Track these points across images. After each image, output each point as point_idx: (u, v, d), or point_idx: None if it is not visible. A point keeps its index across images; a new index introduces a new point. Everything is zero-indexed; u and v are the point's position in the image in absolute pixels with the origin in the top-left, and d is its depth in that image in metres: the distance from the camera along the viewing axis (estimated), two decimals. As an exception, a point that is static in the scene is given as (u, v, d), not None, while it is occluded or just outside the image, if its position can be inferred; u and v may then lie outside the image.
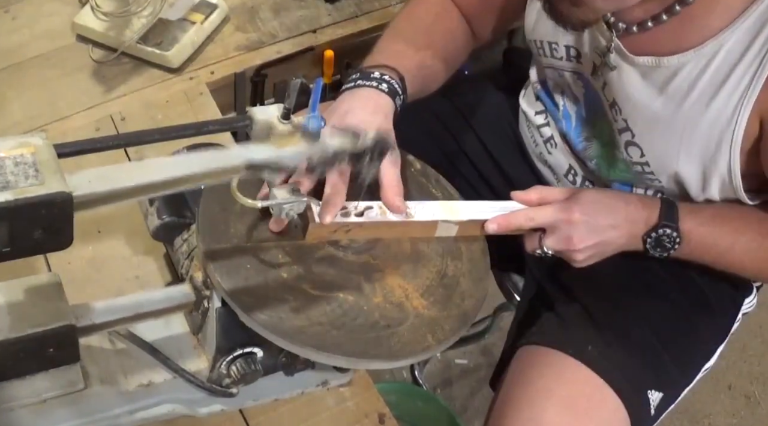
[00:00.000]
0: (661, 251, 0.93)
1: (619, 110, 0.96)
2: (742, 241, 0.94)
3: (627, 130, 0.96)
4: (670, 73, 0.89)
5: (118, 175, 0.60)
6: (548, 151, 1.13)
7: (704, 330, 1.06)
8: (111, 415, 0.77)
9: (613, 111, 0.97)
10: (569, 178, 1.11)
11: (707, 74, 0.86)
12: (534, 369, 0.99)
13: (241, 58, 1.28)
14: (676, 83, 0.88)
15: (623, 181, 1.04)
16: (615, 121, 0.97)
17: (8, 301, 0.70)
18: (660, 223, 0.91)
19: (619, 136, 0.97)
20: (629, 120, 0.95)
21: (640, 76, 0.92)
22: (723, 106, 0.86)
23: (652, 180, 0.98)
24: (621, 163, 1.01)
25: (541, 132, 1.14)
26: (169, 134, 0.66)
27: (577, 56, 1.00)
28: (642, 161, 0.96)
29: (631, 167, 0.99)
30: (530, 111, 1.16)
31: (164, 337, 0.82)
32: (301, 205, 0.74)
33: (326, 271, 0.80)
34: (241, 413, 0.86)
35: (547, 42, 1.03)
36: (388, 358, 0.76)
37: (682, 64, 0.87)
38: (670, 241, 0.92)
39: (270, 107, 0.72)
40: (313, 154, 0.71)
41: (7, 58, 1.21)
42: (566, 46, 1.00)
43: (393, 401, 1.00)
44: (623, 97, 0.94)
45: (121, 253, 0.99)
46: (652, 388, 0.99)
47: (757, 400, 1.95)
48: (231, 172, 0.67)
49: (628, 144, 0.97)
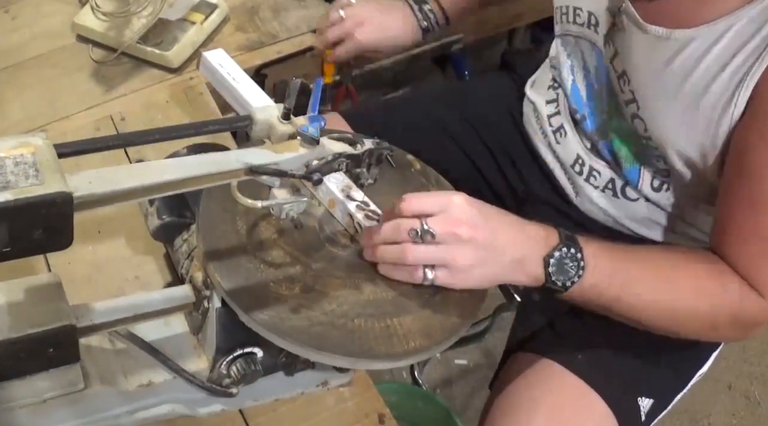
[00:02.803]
0: (564, 278, 0.80)
1: (628, 80, 0.94)
2: (650, 271, 0.85)
3: (633, 101, 0.95)
4: (678, 46, 0.87)
5: (118, 176, 0.60)
6: (557, 141, 1.13)
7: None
8: (111, 415, 0.77)
9: (621, 81, 0.96)
10: (576, 168, 1.10)
11: (714, 52, 0.85)
12: (523, 377, 1.00)
13: (241, 58, 1.28)
14: (683, 57, 0.87)
15: (633, 162, 1.02)
16: (623, 91, 0.96)
17: (8, 301, 0.70)
18: (561, 243, 0.80)
19: (626, 107, 0.96)
20: (636, 92, 0.94)
21: (649, 46, 0.91)
22: (725, 85, 0.85)
23: (657, 158, 0.96)
24: (631, 135, 0.99)
25: (550, 122, 1.14)
26: (169, 134, 0.66)
27: (596, 24, 0.99)
28: (646, 135, 0.95)
29: (637, 140, 0.97)
30: (540, 100, 1.16)
31: (164, 337, 0.82)
32: (301, 205, 0.74)
33: (326, 271, 0.80)
34: (241, 413, 0.86)
35: (572, 7, 1.02)
36: (388, 358, 0.76)
37: (692, 38, 0.86)
38: (574, 265, 0.80)
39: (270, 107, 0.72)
40: (312, 159, 0.72)
41: (7, 58, 1.21)
42: (588, 11, 1.00)
43: (393, 401, 1.00)
44: (632, 66, 0.93)
45: (121, 253, 0.99)
46: (643, 395, 1.00)
47: (757, 400, 1.95)
48: (230, 176, 0.67)
49: (633, 117, 0.95)
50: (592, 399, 0.97)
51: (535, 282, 0.81)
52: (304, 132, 0.70)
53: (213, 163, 0.66)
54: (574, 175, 1.11)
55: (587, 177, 1.09)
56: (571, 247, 0.80)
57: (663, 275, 0.86)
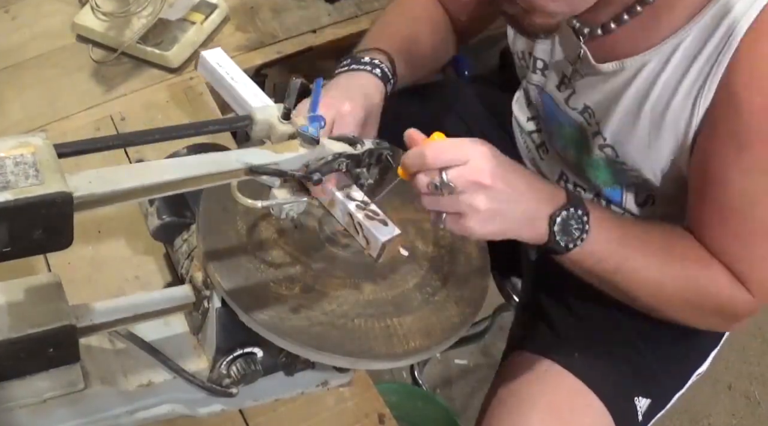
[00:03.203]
0: (568, 239, 0.80)
1: (592, 113, 0.96)
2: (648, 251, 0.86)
3: (599, 133, 0.96)
4: (632, 73, 0.89)
5: (118, 176, 0.60)
6: (540, 157, 1.14)
7: (696, 336, 1.06)
8: (111, 415, 0.77)
9: (586, 114, 0.97)
10: (561, 184, 1.11)
11: (667, 71, 0.86)
12: (521, 376, 1.00)
13: (241, 58, 1.28)
14: (639, 82, 0.89)
15: (611, 185, 1.03)
16: (589, 124, 0.98)
17: (8, 301, 0.70)
18: (568, 203, 0.80)
19: (593, 138, 0.98)
20: (601, 123, 0.96)
21: (604, 80, 0.93)
22: (684, 99, 0.86)
23: (637, 177, 0.97)
24: (602, 161, 1.00)
25: (532, 138, 1.15)
26: (169, 134, 0.66)
27: (543, 69, 1.02)
28: (619, 160, 0.96)
29: (611, 165, 0.99)
30: (522, 117, 1.17)
31: (164, 337, 0.82)
32: (301, 206, 0.74)
33: (326, 271, 0.80)
34: (241, 413, 0.86)
35: (527, 53, 1.04)
36: (388, 358, 0.76)
37: (644, 64, 0.88)
38: (579, 226, 0.80)
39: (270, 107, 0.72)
40: (311, 159, 0.72)
41: (7, 58, 1.21)
42: (536, 57, 1.02)
43: (393, 401, 1.00)
44: (593, 100, 0.96)
45: (121, 253, 0.99)
46: (640, 394, 1.00)
47: (757, 400, 1.95)
48: (230, 177, 0.67)
49: (602, 146, 0.97)
50: (588, 398, 0.97)
51: (538, 239, 0.80)
52: (304, 132, 0.70)
53: (213, 163, 0.66)
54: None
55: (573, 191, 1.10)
56: (578, 208, 0.80)
57: (660, 254, 0.87)
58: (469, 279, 0.85)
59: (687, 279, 0.87)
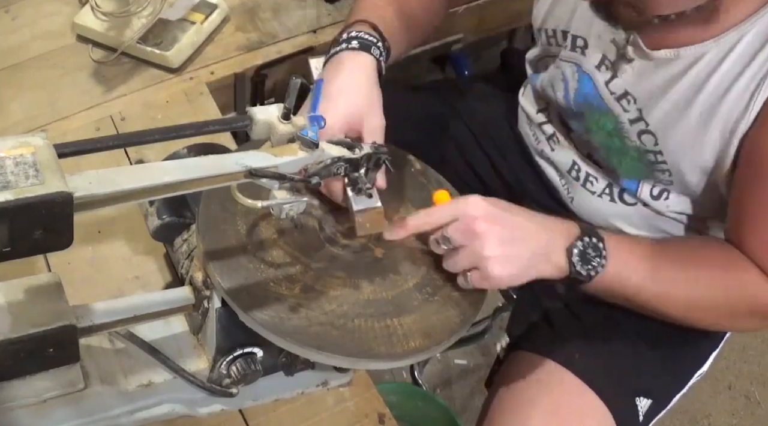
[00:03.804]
0: (588, 269, 0.83)
1: (633, 100, 0.95)
2: (668, 263, 0.88)
3: (640, 119, 0.95)
4: (687, 63, 0.88)
5: (118, 177, 0.60)
6: (551, 148, 1.13)
7: (698, 336, 1.06)
8: (111, 415, 0.77)
9: (624, 101, 0.96)
10: (572, 174, 1.10)
11: (726, 63, 0.86)
12: (522, 376, 1.00)
13: (241, 58, 1.28)
14: (694, 73, 0.88)
15: (631, 176, 1.03)
16: (626, 111, 0.96)
17: (8, 301, 0.70)
18: (582, 233, 0.83)
19: (630, 126, 0.96)
20: (644, 109, 0.94)
21: (655, 68, 0.91)
22: (740, 95, 0.85)
23: (663, 171, 0.96)
24: (633, 151, 0.99)
25: (543, 129, 1.14)
26: (169, 134, 0.66)
27: (583, 47, 1.00)
28: (656, 149, 0.95)
29: (643, 155, 0.97)
30: (531, 109, 1.16)
31: (164, 337, 0.82)
32: (301, 206, 0.74)
33: (326, 271, 0.80)
34: (241, 413, 0.86)
35: (560, 31, 1.02)
36: (388, 358, 0.76)
37: (702, 54, 0.87)
38: (596, 254, 0.83)
39: (270, 107, 0.72)
40: (310, 162, 0.72)
41: (7, 58, 1.21)
42: (574, 35, 1.00)
43: (393, 401, 1.00)
44: (637, 87, 0.94)
45: (121, 253, 0.99)
46: (641, 395, 1.00)
47: (757, 400, 1.95)
48: (230, 179, 0.67)
49: (641, 133, 0.96)
50: (589, 399, 0.97)
51: (560, 273, 0.83)
52: (304, 136, 0.70)
53: (213, 165, 0.66)
54: (571, 180, 1.11)
55: (584, 182, 1.09)
56: (592, 236, 0.83)
57: (683, 266, 0.88)
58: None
59: (715, 285, 0.88)
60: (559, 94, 1.06)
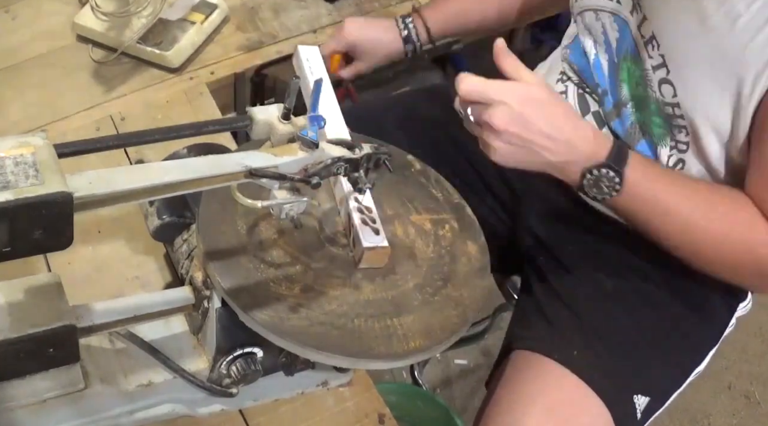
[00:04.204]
0: (596, 193, 0.86)
1: (657, 45, 0.93)
2: (685, 208, 0.89)
3: (663, 66, 0.93)
4: (716, 2, 0.86)
5: (118, 177, 0.60)
6: None
7: (696, 334, 1.06)
8: (111, 415, 0.77)
9: (649, 47, 0.95)
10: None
11: (756, 4, 0.83)
12: (520, 374, 1.00)
13: (241, 58, 1.28)
14: (722, 13, 0.86)
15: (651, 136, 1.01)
16: (651, 57, 0.95)
17: (8, 301, 0.70)
18: (605, 163, 0.84)
19: (653, 73, 0.95)
20: (666, 54, 0.93)
21: (683, 6, 0.89)
22: (761, 48, 0.83)
23: (680, 127, 0.95)
24: (653, 104, 0.97)
25: None
26: (169, 134, 0.66)
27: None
28: (673, 102, 0.94)
29: (662, 108, 0.96)
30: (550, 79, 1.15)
31: (164, 337, 0.82)
32: (301, 206, 0.74)
33: (326, 271, 0.80)
34: (241, 413, 0.86)
35: None
36: (388, 358, 0.76)
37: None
38: (609, 186, 0.85)
39: (270, 107, 0.72)
40: (310, 162, 0.72)
41: (7, 58, 1.21)
42: None
43: (393, 401, 1.00)
44: (662, 29, 0.93)
45: (121, 253, 0.99)
46: (639, 392, 1.00)
47: (757, 400, 1.95)
48: (230, 179, 0.67)
49: (662, 82, 0.94)
50: (587, 397, 0.96)
51: (570, 183, 0.88)
52: (304, 136, 0.70)
53: (213, 165, 0.66)
54: None
55: None
56: (611, 169, 0.85)
57: (697, 214, 0.89)
58: (469, 279, 0.85)
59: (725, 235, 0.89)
60: (601, 51, 1.05)
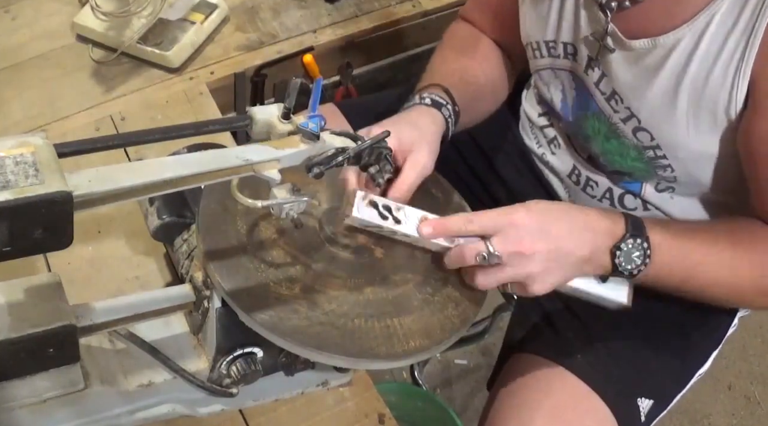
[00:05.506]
0: (632, 268, 0.83)
1: (620, 99, 0.95)
2: (714, 252, 0.88)
3: (632, 117, 0.95)
4: (665, 51, 0.88)
5: (118, 174, 0.60)
6: (552, 152, 1.13)
7: (698, 336, 1.06)
8: (111, 415, 0.77)
9: (613, 102, 0.96)
10: (572, 178, 1.11)
11: (702, 47, 0.85)
12: (523, 378, 1.00)
13: (241, 58, 1.28)
14: (673, 61, 0.87)
15: (635, 177, 1.02)
16: (616, 111, 0.96)
17: (8, 301, 0.70)
18: (627, 234, 0.83)
19: (624, 124, 0.96)
20: (632, 107, 0.94)
21: (636, 60, 0.91)
22: (722, 76, 0.85)
23: (664, 167, 0.96)
24: (633, 151, 0.99)
25: (544, 133, 1.14)
26: (169, 134, 0.66)
27: (573, 53, 1.00)
28: (653, 144, 0.95)
29: (643, 153, 0.97)
30: (533, 113, 1.16)
31: (164, 337, 0.82)
32: (301, 205, 0.74)
33: (326, 271, 0.80)
34: (241, 413, 0.86)
35: (544, 42, 1.03)
36: (388, 358, 0.76)
37: (677, 41, 0.86)
38: (640, 254, 0.83)
39: (270, 107, 0.72)
40: (312, 154, 0.71)
41: (7, 58, 1.21)
42: (564, 42, 1.00)
43: (393, 401, 1.00)
44: (621, 84, 0.94)
45: (121, 253, 0.99)
46: (642, 395, 1.00)
47: (757, 400, 1.95)
48: (231, 173, 0.67)
49: (636, 130, 0.95)
50: (592, 400, 0.97)
51: (603, 271, 0.84)
52: (304, 127, 0.70)
53: (213, 159, 0.66)
54: (571, 185, 1.11)
55: (584, 187, 1.09)
56: (637, 237, 0.82)
57: (729, 250, 0.88)
58: (470, 279, 0.85)
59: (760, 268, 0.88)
60: (557, 104, 1.07)
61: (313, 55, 1.33)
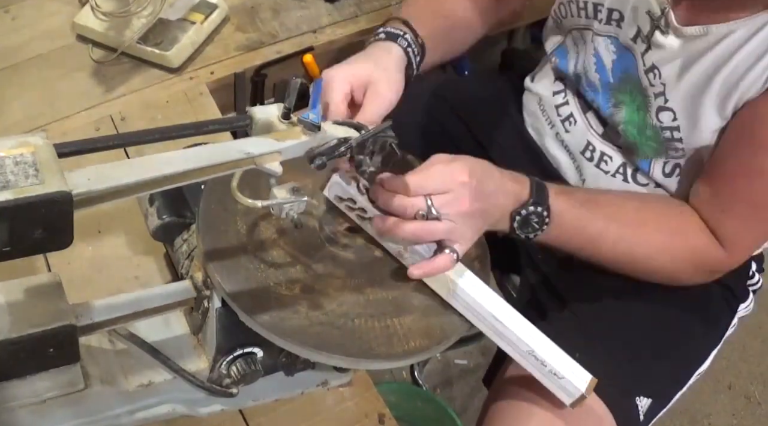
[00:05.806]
0: (527, 231, 0.87)
1: (658, 74, 0.96)
2: (613, 228, 0.92)
3: (662, 94, 0.96)
4: (716, 39, 0.89)
5: (117, 172, 0.60)
6: (566, 130, 1.12)
7: (698, 335, 1.06)
8: (111, 415, 0.77)
9: (651, 75, 0.97)
10: (586, 154, 1.10)
11: (752, 43, 0.86)
12: (521, 377, 1.00)
13: (241, 58, 1.28)
14: (720, 49, 0.89)
15: (646, 154, 1.03)
16: (652, 85, 0.97)
17: (8, 301, 0.70)
18: (530, 200, 0.86)
19: (654, 99, 0.97)
20: (667, 85, 0.95)
21: (685, 43, 0.92)
22: (759, 76, 0.86)
23: (677, 150, 0.97)
24: (649, 130, 0.99)
25: (559, 111, 1.13)
26: (169, 134, 0.66)
27: (619, 20, 1.00)
28: (673, 125, 0.96)
29: (660, 133, 0.98)
30: (546, 92, 1.15)
31: (164, 338, 0.82)
32: (301, 205, 0.74)
33: (326, 271, 0.80)
34: (241, 413, 0.86)
35: (592, 3, 1.03)
36: (388, 358, 0.76)
37: (730, 31, 0.88)
38: (538, 221, 0.87)
39: (270, 107, 0.72)
40: (314, 145, 0.71)
41: (7, 58, 1.21)
42: (610, 8, 1.01)
43: (393, 401, 1.00)
44: (665, 62, 0.95)
45: (121, 253, 0.99)
46: (641, 394, 1.00)
47: (757, 400, 1.95)
48: (231, 167, 0.67)
49: (660, 109, 0.96)
50: (590, 399, 0.96)
51: (503, 232, 0.88)
52: (305, 119, 0.70)
53: (214, 153, 0.66)
54: (584, 162, 1.10)
55: (598, 162, 1.09)
56: (539, 204, 0.86)
57: (628, 231, 0.93)
58: (470, 279, 0.85)
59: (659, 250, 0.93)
60: (591, 69, 1.06)
61: (313, 55, 1.33)
